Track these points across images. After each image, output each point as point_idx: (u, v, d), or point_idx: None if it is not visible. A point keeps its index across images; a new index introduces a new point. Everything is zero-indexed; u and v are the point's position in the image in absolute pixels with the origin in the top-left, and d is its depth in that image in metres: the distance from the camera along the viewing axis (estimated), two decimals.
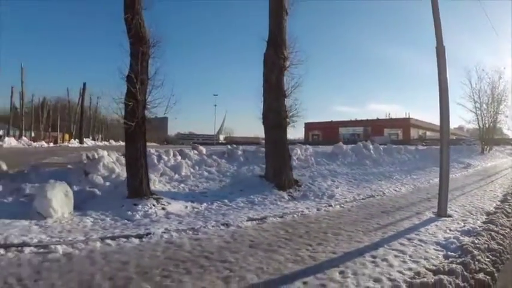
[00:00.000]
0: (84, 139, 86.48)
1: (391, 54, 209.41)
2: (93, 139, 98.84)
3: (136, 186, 12.88)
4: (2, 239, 8.76)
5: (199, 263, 7.52)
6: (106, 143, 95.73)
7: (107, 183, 14.25)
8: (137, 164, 13.01)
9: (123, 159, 15.79)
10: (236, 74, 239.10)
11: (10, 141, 60.63)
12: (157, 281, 6.55)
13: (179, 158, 18.22)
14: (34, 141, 68.71)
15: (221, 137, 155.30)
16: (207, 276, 6.82)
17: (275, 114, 16.47)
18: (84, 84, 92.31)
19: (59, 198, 11.13)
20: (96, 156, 15.53)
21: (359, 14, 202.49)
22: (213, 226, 10.50)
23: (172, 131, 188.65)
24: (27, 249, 8.13)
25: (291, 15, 17.39)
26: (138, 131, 13.01)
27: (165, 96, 13.50)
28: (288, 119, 16.95)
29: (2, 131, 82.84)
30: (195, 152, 19.61)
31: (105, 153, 15.90)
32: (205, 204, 13.28)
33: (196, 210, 12.60)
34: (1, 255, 7.84)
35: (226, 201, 13.81)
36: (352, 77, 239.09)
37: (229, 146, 23.43)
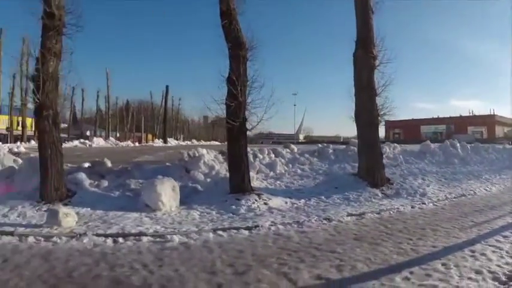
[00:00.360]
0: (168, 139, 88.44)
1: (473, 48, 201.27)
2: (176, 139, 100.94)
3: (239, 182, 13.34)
4: (120, 229, 9.47)
5: (311, 253, 7.84)
6: (188, 142, 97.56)
7: (208, 180, 14.77)
8: (239, 162, 13.49)
9: (221, 157, 16.36)
10: (315, 73, 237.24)
11: (98, 141, 62.99)
12: (275, 268, 6.87)
13: (273, 156, 18.53)
14: (120, 141, 70.81)
15: (301, 136, 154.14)
16: (320, 264, 7.11)
17: (367, 113, 16.49)
18: (167, 87, 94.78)
19: (167, 193, 11.80)
20: (197, 154, 16.03)
21: (439, 7, 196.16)
22: (315, 220, 10.78)
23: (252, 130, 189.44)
24: (144, 239, 8.73)
25: (376, 13, 17.32)
26: (239, 130, 13.49)
27: (264, 98, 13.84)
28: (379, 118, 16.96)
29: (89, 131, 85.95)
30: (287, 150, 19.87)
31: (204, 151, 16.39)
32: (303, 200, 13.52)
33: (295, 205, 12.87)
34: (121, 244, 8.46)
35: (322, 197, 14.00)
36: (432, 72, 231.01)
37: (319, 145, 23.47)
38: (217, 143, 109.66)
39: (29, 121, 65.27)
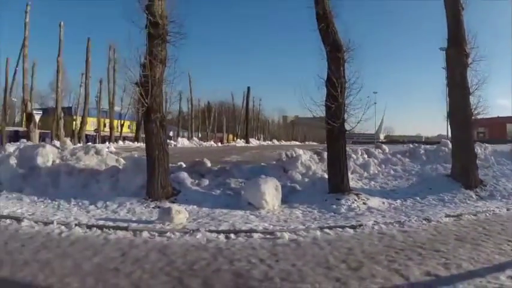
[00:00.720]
0: (249, 139, 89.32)
1: None
2: (257, 139, 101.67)
3: (338, 182, 13.56)
4: (230, 226, 9.94)
5: (416, 251, 8.03)
6: (269, 142, 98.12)
7: (306, 180, 15.04)
8: (339, 162, 13.72)
9: (316, 157, 16.63)
10: (394, 72, 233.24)
11: (183, 142, 64.27)
12: (386, 265, 7.11)
13: (366, 156, 18.58)
14: (203, 141, 71.98)
15: (381, 136, 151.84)
16: (428, 262, 7.29)
17: (461, 112, 16.26)
18: (249, 88, 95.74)
19: (271, 192, 12.21)
20: (294, 155, 16.34)
21: None
22: (415, 220, 10.89)
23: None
24: (255, 235, 9.12)
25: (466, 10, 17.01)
26: (339, 131, 13.73)
27: (361, 98, 14.02)
28: (473, 117, 16.74)
29: (172, 132, 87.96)
30: (379, 150, 19.84)
31: (301, 151, 16.65)
32: (399, 201, 13.62)
33: (393, 206, 13.03)
34: (233, 240, 8.89)
35: (418, 198, 14.03)
36: None
37: (411, 145, 23.28)
38: (297, 142, 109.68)
39: (115, 123, 67.70)
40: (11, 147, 19.53)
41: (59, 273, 6.63)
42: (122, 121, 75.94)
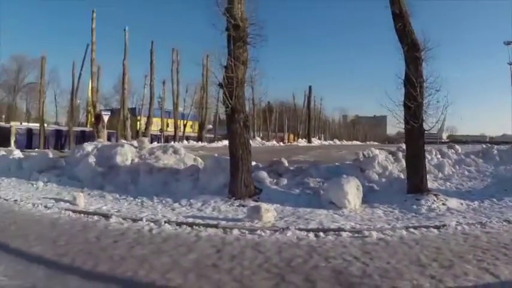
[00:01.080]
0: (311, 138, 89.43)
1: None
2: (318, 138, 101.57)
3: (417, 182, 13.56)
4: (319, 224, 10.23)
5: (501, 252, 8.07)
6: (330, 142, 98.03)
7: (383, 180, 15.19)
8: (418, 163, 13.74)
9: (391, 158, 16.73)
10: (461, 71, 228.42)
11: None
12: (475, 264, 7.22)
13: (439, 156, 18.55)
14: (264, 141, 72.31)
15: (443, 135, 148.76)
16: None
17: None
18: (310, 87, 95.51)
19: (352, 192, 12.37)
20: (371, 155, 16.51)
21: None
22: (496, 222, 10.84)
23: (392, 129, 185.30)
24: (343, 234, 9.30)
25: None
26: (418, 131, 13.74)
27: (438, 100, 14.06)
28: None
29: None
30: (452, 151, 19.76)
31: (377, 151, 16.78)
32: (476, 202, 13.47)
33: (471, 207, 12.91)
34: (323, 238, 9.10)
35: (494, 200, 13.82)
36: None
37: (483, 145, 23.04)
38: (358, 142, 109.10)
39: (179, 123, 68.97)
40: (89, 147, 20.20)
41: (159, 269, 6.92)
42: (185, 121, 76.95)
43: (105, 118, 42.22)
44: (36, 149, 42.20)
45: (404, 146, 15.72)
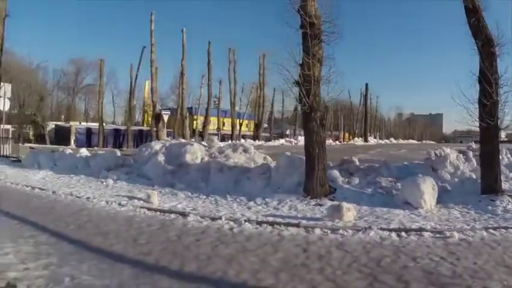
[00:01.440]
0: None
1: None
2: (374, 137, 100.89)
3: (491, 182, 13.28)
4: (400, 224, 10.27)
5: None
6: (387, 141, 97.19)
7: (455, 179, 14.95)
8: (493, 162, 13.44)
9: (462, 157, 16.47)
10: None
11: (303, 140, 65.32)
12: None
13: (510, 156, 18.08)
14: None
15: (502, 134, 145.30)
16: None
17: None
18: (367, 85, 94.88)
19: (429, 191, 12.27)
20: (443, 154, 16.29)
21: None
22: None
23: (447, 128, 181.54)
24: (425, 234, 9.26)
25: None
26: (494, 130, 13.51)
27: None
28: None
29: (289, 130, 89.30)
30: None
31: (449, 150, 16.49)
32: None
33: None
34: (405, 238, 9.08)
35: None
36: None
37: None
38: (414, 141, 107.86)
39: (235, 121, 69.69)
40: (157, 145, 20.64)
41: (248, 269, 6.90)
42: (241, 120, 77.50)
43: (165, 117, 42.98)
44: (95, 147, 43.58)
45: (474, 145, 15.46)
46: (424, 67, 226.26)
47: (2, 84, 31.58)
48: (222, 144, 25.33)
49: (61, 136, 65.20)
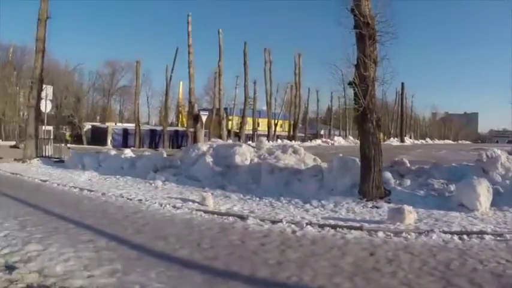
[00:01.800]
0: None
1: None
2: (410, 137, 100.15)
3: None
4: (461, 227, 10.32)
5: None
6: (422, 141, 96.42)
7: (506, 181, 14.73)
8: None
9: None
10: None
11: (340, 140, 65.41)
12: None
13: None
14: (357, 140, 72.53)
15: None
16: None
17: None
18: (403, 84, 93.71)
19: (484, 194, 12.25)
20: (494, 155, 16.20)
21: None
22: None
23: (483, 127, 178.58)
24: (486, 237, 9.28)
25: None
26: None
27: None
28: None
29: (323, 130, 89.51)
30: None
31: (499, 151, 16.35)
32: None
33: None
34: (467, 241, 9.09)
35: None
36: None
37: None
38: (450, 141, 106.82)
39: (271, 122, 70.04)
40: (204, 146, 20.96)
41: (322, 273, 6.83)
42: (276, 120, 77.64)
43: (203, 118, 43.35)
44: (132, 148, 44.31)
45: None
46: (460, 65, 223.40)
47: (44, 86, 32.17)
48: (274, 143, 25.49)
49: (97, 136, 66.64)
